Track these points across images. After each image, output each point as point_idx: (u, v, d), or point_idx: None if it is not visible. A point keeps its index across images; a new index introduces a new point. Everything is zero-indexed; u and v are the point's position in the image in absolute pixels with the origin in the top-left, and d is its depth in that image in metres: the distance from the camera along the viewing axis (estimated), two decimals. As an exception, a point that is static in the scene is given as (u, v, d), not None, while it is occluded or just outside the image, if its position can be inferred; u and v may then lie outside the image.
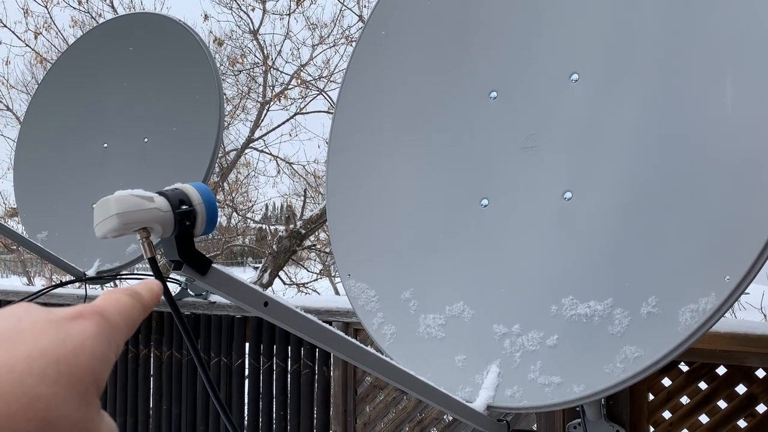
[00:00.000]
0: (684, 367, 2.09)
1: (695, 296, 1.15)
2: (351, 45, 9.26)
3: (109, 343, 0.35)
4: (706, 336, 2.02)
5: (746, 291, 1.14)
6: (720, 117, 1.23)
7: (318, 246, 9.37)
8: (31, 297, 2.51)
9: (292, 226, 6.93)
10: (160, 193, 0.87)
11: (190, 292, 2.76)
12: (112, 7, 9.40)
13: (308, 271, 9.80)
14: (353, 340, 1.10)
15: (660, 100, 1.31)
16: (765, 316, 5.00)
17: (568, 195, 1.42)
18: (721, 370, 2.06)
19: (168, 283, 2.05)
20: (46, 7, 9.40)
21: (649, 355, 1.17)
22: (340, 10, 9.64)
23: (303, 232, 6.81)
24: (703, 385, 2.10)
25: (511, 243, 1.51)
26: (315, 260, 10.91)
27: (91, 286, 2.98)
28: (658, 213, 1.27)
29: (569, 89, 1.47)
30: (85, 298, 2.73)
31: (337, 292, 9.27)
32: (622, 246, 1.31)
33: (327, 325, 1.05)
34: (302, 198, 8.34)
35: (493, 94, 1.62)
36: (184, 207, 0.86)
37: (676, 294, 1.18)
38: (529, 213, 1.49)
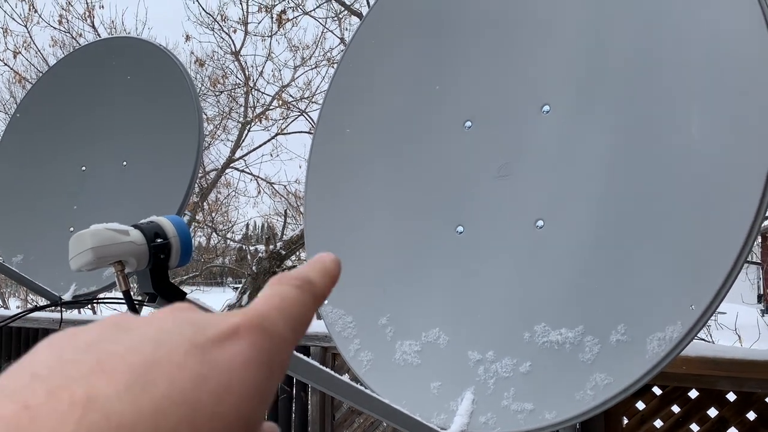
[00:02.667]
0: (657, 391, 2.12)
1: (662, 324, 1.18)
2: (333, 67, 9.33)
3: (270, 369, 0.27)
4: (678, 360, 2.06)
5: (722, 311, 1.17)
6: (686, 147, 1.27)
7: (299, 266, 9.34)
8: (5, 322, 2.48)
9: (271, 246, 6.92)
10: (136, 226, 0.88)
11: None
12: (93, 27, 9.39)
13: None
14: (328, 370, 1.11)
15: (628, 132, 1.35)
16: (739, 337, 5.07)
17: (540, 223, 1.45)
18: (693, 394, 2.10)
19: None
20: (25, 26, 9.36)
21: (618, 382, 1.19)
22: (322, 32, 9.73)
23: (283, 253, 6.79)
24: (676, 409, 2.13)
25: (486, 270, 1.54)
26: (295, 281, 10.84)
27: (67, 310, 2.95)
28: (627, 242, 1.30)
29: (541, 120, 1.50)
30: (60, 323, 2.70)
31: (318, 315, 9.22)
32: (592, 274, 1.34)
33: (301, 356, 1.06)
34: (283, 218, 8.34)
35: (468, 123, 1.65)
36: (159, 240, 0.87)
37: (644, 322, 1.21)
38: (503, 240, 1.52)
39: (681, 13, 1.32)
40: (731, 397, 2.06)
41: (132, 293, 0.92)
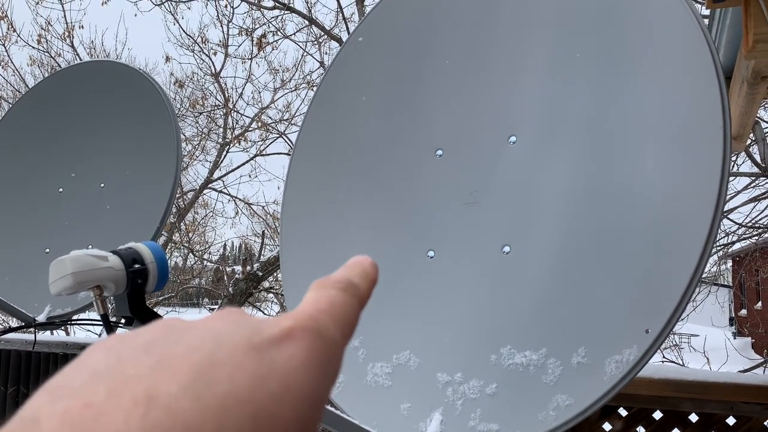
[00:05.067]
0: (623, 412, 2.18)
1: (620, 347, 1.23)
2: (312, 89, 9.41)
3: (325, 370, 0.27)
4: (643, 382, 2.12)
5: (695, 333, 1.23)
6: (642, 180, 1.34)
7: (276, 288, 9.33)
8: (-22, 343, 2.47)
9: (249, 268, 6.91)
10: (114, 252, 0.92)
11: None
12: (72, 47, 9.39)
13: (264, 313, 9.71)
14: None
15: (589, 164, 1.43)
16: (708, 359, 5.17)
17: (507, 249, 1.51)
18: (658, 415, 2.16)
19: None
20: (3, 45, 9.32)
21: (579, 403, 1.25)
22: (302, 56, 9.82)
23: (260, 274, 6.79)
24: (641, 430, 2.19)
25: (456, 293, 1.59)
26: (273, 302, 10.82)
27: (40, 331, 2.94)
28: (587, 268, 1.37)
29: (508, 150, 1.57)
30: (34, 345, 2.69)
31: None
32: (555, 298, 1.40)
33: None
34: (260, 239, 8.33)
35: (439, 152, 1.71)
36: (136, 266, 0.91)
37: (603, 345, 1.27)
38: (472, 265, 1.57)
39: (638, 53, 1.40)
40: (693, 418, 2.12)
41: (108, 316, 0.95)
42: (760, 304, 17.20)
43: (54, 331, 4.69)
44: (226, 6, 9.31)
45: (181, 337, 0.26)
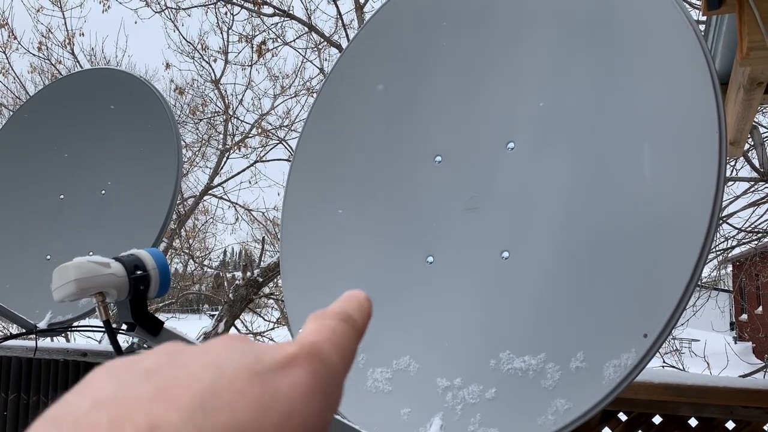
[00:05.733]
0: (623, 417, 2.18)
1: (618, 352, 1.24)
2: (312, 96, 9.44)
3: (327, 398, 0.28)
4: (642, 386, 2.12)
5: (696, 338, 1.24)
6: (639, 185, 1.35)
7: (276, 294, 9.33)
8: (-21, 350, 2.47)
9: (249, 273, 6.92)
10: (117, 259, 0.93)
11: (144, 346, 2.76)
12: (73, 54, 9.42)
13: (264, 319, 9.71)
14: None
15: (586, 170, 1.44)
16: (708, 364, 5.17)
17: (506, 254, 1.52)
18: (657, 419, 2.16)
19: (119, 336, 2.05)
20: (4, 52, 9.36)
21: (577, 407, 1.25)
22: (302, 63, 9.85)
23: (260, 280, 6.79)
24: (641, 434, 2.19)
25: (455, 299, 1.60)
26: (273, 308, 10.82)
27: (41, 338, 2.95)
28: (585, 273, 1.38)
29: (506, 156, 1.58)
30: (35, 351, 2.70)
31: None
32: (554, 303, 1.41)
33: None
34: (260, 245, 8.34)
35: (438, 158, 1.73)
36: (138, 272, 0.92)
37: (602, 350, 1.28)
38: (471, 270, 1.58)
39: (634, 60, 1.42)
40: (693, 422, 2.12)
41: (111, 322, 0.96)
42: (760, 308, 17.18)
43: (54, 338, 4.70)
44: (226, 13, 9.35)
45: (183, 364, 0.26)
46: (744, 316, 19.75)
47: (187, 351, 0.27)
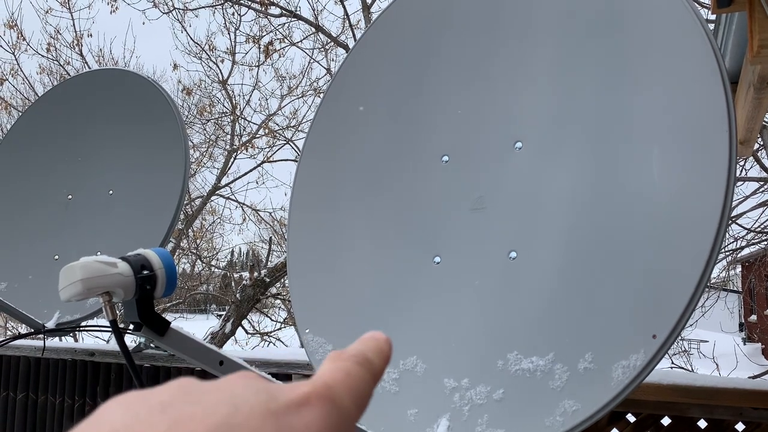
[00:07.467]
0: (631, 418, 2.17)
1: (626, 353, 1.23)
2: (319, 96, 9.45)
3: None
4: (651, 388, 2.11)
5: (705, 339, 1.23)
6: (648, 185, 1.34)
7: (283, 294, 9.34)
8: (-12, 350, 2.49)
9: (256, 274, 6.93)
10: (123, 259, 0.93)
11: (151, 345, 2.77)
12: (81, 55, 9.46)
13: (271, 320, 9.72)
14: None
15: (595, 169, 1.43)
16: (717, 365, 5.14)
17: (513, 254, 1.51)
18: (666, 421, 2.15)
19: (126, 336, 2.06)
20: (13, 53, 9.41)
21: (586, 408, 1.24)
22: (309, 63, 9.86)
23: (267, 280, 6.80)
24: (649, 436, 2.17)
25: (462, 299, 1.59)
26: (280, 308, 10.83)
27: (49, 338, 2.96)
28: (594, 274, 1.37)
29: (513, 155, 1.57)
30: (43, 351, 2.71)
31: (301, 344, 9.18)
32: (562, 304, 1.40)
33: (280, 382, 1.10)
34: (268, 245, 8.35)
35: (445, 158, 1.72)
36: (145, 272, 0.92)
37: (610, 350, 1.27)
38: (479, 271, 1.57)
39: (643, 59, 1.41)
40: (702, 424, 2.11)
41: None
42: (770, 309, 17.07)
43: (62, 338, 4.72)
44: (233, 14, 9.37)
45: (198, 398, 0.26)
46: (753, 317, 19.62)
47: (201, 386, 0.27)
